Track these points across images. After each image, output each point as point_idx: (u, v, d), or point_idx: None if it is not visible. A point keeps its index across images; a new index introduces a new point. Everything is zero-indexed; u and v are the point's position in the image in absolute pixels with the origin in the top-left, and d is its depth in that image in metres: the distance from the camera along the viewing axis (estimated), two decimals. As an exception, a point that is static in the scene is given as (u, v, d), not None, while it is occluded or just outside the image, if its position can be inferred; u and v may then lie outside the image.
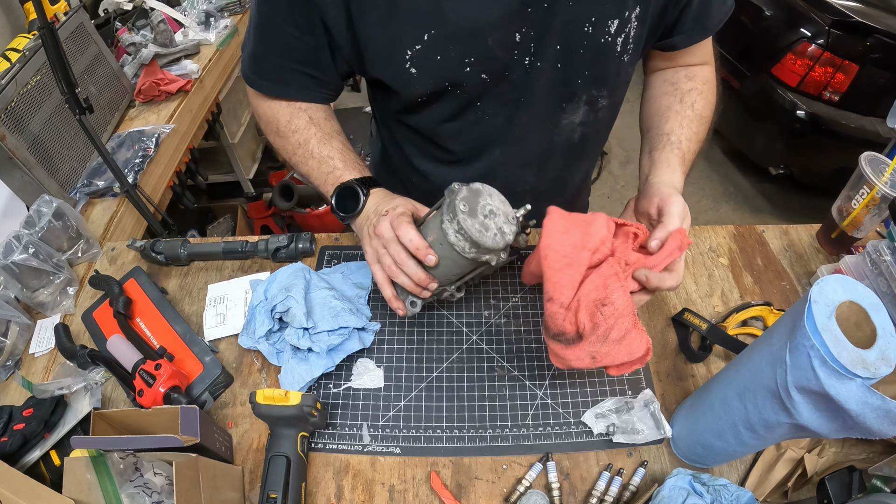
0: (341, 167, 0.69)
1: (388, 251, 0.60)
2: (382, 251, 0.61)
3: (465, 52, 0.60)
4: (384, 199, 0.66)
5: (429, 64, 0.61)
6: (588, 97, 0.69)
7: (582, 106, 0.70)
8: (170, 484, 0.54)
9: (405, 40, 0.59)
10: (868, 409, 0.39)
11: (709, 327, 0.70)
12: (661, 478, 0.60)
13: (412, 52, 0.60)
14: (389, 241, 0.59)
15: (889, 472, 0.57)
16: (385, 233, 0.60)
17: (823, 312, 0.41)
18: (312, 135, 0.71)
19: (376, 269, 0.63)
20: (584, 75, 0.65)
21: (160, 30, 1.44)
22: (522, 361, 0.71)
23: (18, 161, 0.97)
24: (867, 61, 2.04)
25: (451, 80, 0.63)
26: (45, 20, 0.84)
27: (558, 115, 0.70)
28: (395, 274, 0.60)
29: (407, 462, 0.63)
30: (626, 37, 0.62)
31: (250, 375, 0.72)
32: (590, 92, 0.68)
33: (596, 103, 0.70)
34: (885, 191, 0.73)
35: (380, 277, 0.63)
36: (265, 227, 2.15)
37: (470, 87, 0.64)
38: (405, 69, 0.61)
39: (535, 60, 0.62)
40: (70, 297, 0.82)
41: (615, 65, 0.65)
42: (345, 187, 0.68)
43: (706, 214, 2.54)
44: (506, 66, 0.62)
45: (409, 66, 0.61)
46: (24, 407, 0.65)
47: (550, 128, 0.72)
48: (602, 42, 0.62)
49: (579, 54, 0.62)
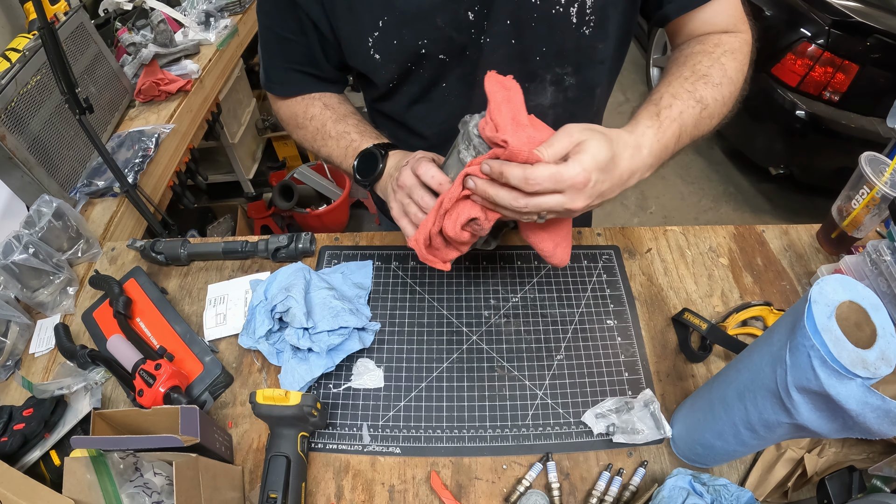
0: (358, 139, 0.70)
1: (413, 199, 0.57)
2: (407, 201, 0.58)
3: (416, 34, 0.62)
4: (405, 155, 0.65)
5: (388, 48, 0.64)
6: (553, 76, 0.67)
7: (548, 86, 0.68)
8: (170, 484, 0.54)
9: (365, 28, 0.63)
10: (868, 409, 0.39)
11: (709, 327, 0.70)
12: (661, 478, 0.60)
13: (372, 39, 0.63)
14: (412, 187, 0.57)
15: (889, 472, 0.57)
16: (407, 180, 0.57)
17: (823, 312, 0.41)
18: (328, 118, 0.73)
19: (405, 224, 0.59)
20: (542, 51, 0.64)
21: (160, 30, 1.44)
22: (522, 361, 0.71)
23: (18, 161, 0.97)
24: (867, 61, 2.03)
25: (412, 62, 0.65)
26: (45, 20, 0.84)
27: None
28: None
29: (407, 462, 0.63)
30: (580, 6, 0.59)
31: (250, 375, 0.72)
32: (553, 70, 0.66)
33: (562, 82, 0.68)
34: (885, 191, 0.73)
35: (409, 231, 0.59)
36: (265, 227, 2.16)
37: (431, 67, 0.66)
38: (370, 56, 0.65)
39: (486, 37, 0.63)
40: (70, 297, 0.82)
41: (573, 38, 0.62)
42: (364, 153, 0.68)
43: (706, 214, 2.54)
44: (464, 46, 0.64)
45: (372, 52, 0.64)
46: (24, 407, 0.65)
47: None
48: (553, 13, 0.60)
49: (531, 28, 0.61)
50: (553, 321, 0.75)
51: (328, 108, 0.74)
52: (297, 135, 0.78)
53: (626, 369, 0.71)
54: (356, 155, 0.69)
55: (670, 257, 0.84)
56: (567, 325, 0.75)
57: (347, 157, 0.70)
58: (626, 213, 2.56)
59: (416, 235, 0.56)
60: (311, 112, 0.74)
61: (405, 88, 0.70)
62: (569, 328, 0.75)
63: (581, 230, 0.87)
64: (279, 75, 0.74)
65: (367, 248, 0.86)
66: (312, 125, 0.74)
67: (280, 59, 0.72)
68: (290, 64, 0.72)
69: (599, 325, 0.75)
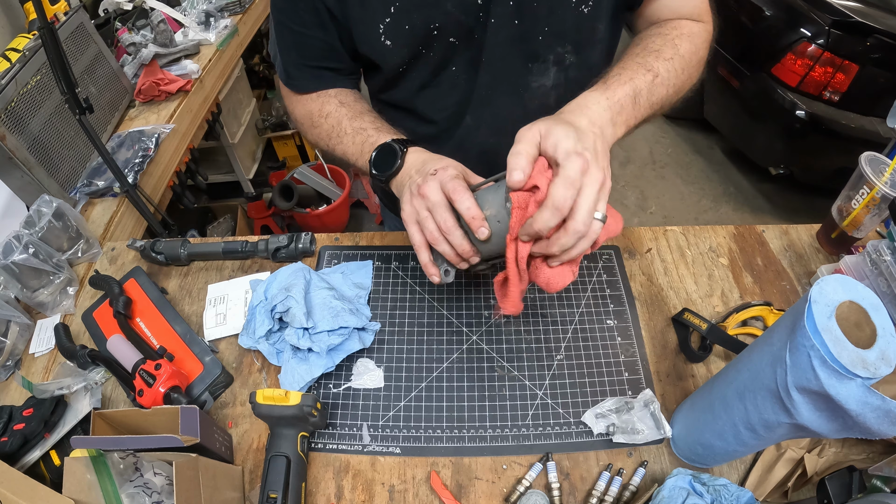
0: (375, 134, 0.68)
1: (434, 216, 0.55)
2: (426, 214, 0.56)
3: (428, 19, 0.63)
4: (432, 158, 0.62)
5: (399, 34, 0.65)
6: (555, 56, 0.69)
7: (550, 66, 0.70)
8: (170, 484, 0.54)
9: (377, 15, 0.64)
10: (868, 409, 0.39)
11: (709, 327, 0.70)
12: (661, 478, 0.60)
13: (384, 25, 0.64)
14: (437, 205, 0.55)
15: (889, 472, 0.57)
16: (433, 195, 0.55)
17: (823, 312, 0.41)
18: (344, 115, 0.72)
19: (414, 231, 0.58)
20: (545, 31, 0.66)
21: (160, 30, 1.44)
22: (522, 361, 0.71)
23: (18, 161, 0.97)
24: (867, 61, 2.04)
25: (423, 45, 0.66)
26: (45, 20, 0.84)
27: (526, 77, 0.71)
28: (437, 241, 0.56)
29: (407, 462, 0.63)
30: None
31: (250, 375, 0.72)
32: (555, 50, 0.68)
33: (563, 62, 0.70)
34: (885, 191, 0.73)
35: (417, 240, 0.58)
36: (265, 227, 2.16)
37: (440, 50, 0.67)
38: (381, 42, 0.66)
39: (489, 17, 0.64)
40: (70, 297, 0.82)
41: (574, 17, 0.65)
42: (382, 147, 0.66)
43: (706, 214, 2.54)
44: (471, 28, 0.65)
45: (383, 38, 0.65)
46: (24, 407, 0.65)
47: (521, 91, 0.73)
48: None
49: (532, 7, 0.64)
50: (553, 321, 0.75)
51: (344, 106, 0.73)
52: (311, 134, 0.77)
53: (626, 369, 0.71)
54: (373, 149, 0.66)
55: (670, 257, 0.84)
56: (567, 325, 0.75)
57: (364, 152, 0.67)
58: (626, 213, 2.56)
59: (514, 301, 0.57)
60: (326, 109, 0.74)
61: (414, 74, 0.70)
62: (569, 328, 0.75)
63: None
64: (296, 72, 0.74)
65: (367, 248, 0.86)
66: (328, 123, 0.73)
67: (295, 54, 0.72)
68: (305, 60, 0.72)
69: (599, 325, 0.75)
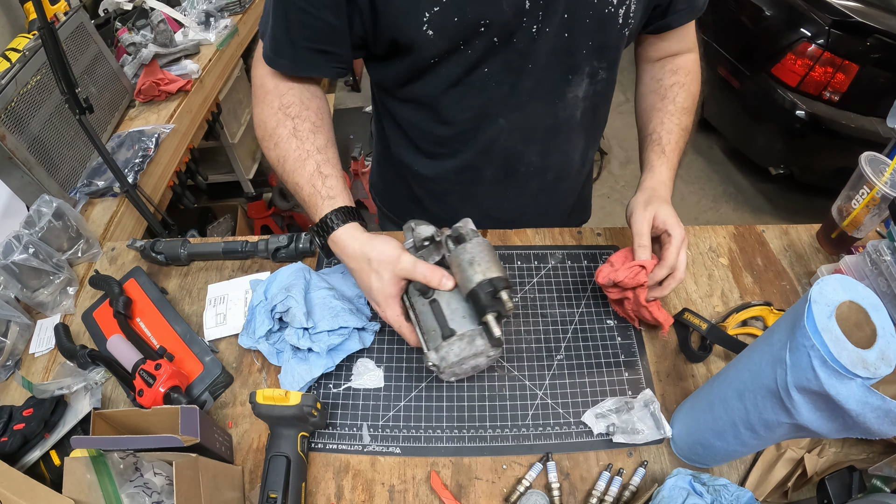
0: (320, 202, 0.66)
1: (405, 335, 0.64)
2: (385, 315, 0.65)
3: (481, 13, 0.61)
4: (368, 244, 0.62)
5: (446, 25, 0.62)
6: (590, 69, 0.71)
7: (585, 78, 0.72)
8: (170, 484, 0.54)
9: (423, 3, 0.60)
10: (868, 409, 0.39)
11: (709, 327, 0.70)
12: (661, 478, 0.60)
13: (430, 13, 0.61)
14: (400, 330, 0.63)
15: (889, 472, 0.57)
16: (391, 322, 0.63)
17: (823, 312, 0.41)
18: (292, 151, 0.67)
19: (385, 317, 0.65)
20: (588, 45, 0.68)
21: (160, 30, 1.44)
22: (522, 361, 0.71)
23: (18, 161, 0.97)
24: (867, 61, 2.04)
25: (465, 40, 0.64)
26: (45, 20, 0.84)
27: (563, 87, 0.72)
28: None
29: (407, 462, 0.63)
30: (626, 10, 0.66)
31: (250, 375, 0.72)
32: (591, 63, 0.71)
33: (596, 75, 0.73)
34: (885, 191, 0.73)
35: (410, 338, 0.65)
36: (265, 227, 2.16)
37: (480, 48, 0.65)
38: (422, 31, 0.62)
39: (542, 27, 0.64)
40: (70, 297, 0.82)
41: (616, 37, 0.68)
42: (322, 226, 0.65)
43: (706, 214, 2.54)
44: (513, 31, 0.64)
45: (426, 28, 0.62)
46: (24, 407, 0.65)
47: (556, 101, 0.73)
48: (606, 13, 0.65)
49: (584, 24, 0.65)
50: (553, 321, 0.75)
51: (295, 137, 0.68)
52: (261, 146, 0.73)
53: (626, 369, 0.71)
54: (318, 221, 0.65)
55: (670, 257, 0.83)
56: (567, 325, 0.75)
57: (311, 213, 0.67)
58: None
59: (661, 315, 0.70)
60: (278, 133, 0.68)
61: (444, 70, 0.68)
62: (569, 328, 0.75)
63: (581, 230, 0.87)
64: (287, 51, 0.67)
65: (367, 248, 0.85)
66: (274, 153, 0.69)
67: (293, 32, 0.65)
68: (302, 40, 0.66)
69: (599, 325, 0.75)
